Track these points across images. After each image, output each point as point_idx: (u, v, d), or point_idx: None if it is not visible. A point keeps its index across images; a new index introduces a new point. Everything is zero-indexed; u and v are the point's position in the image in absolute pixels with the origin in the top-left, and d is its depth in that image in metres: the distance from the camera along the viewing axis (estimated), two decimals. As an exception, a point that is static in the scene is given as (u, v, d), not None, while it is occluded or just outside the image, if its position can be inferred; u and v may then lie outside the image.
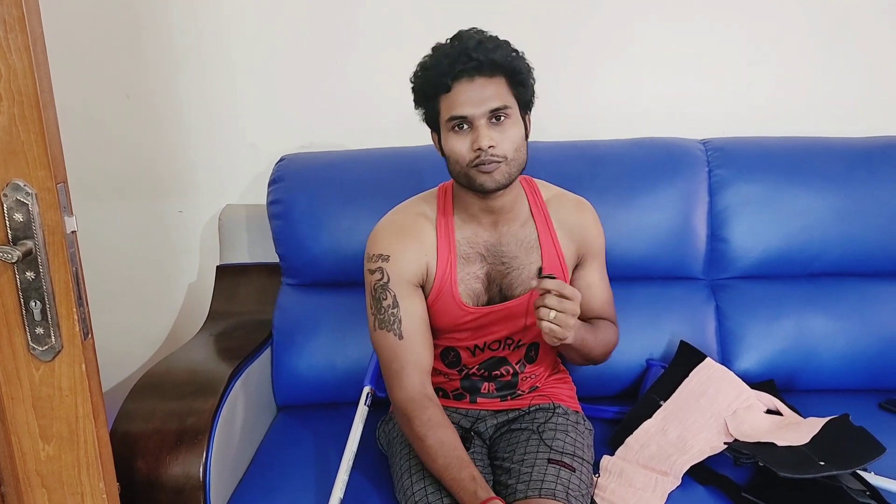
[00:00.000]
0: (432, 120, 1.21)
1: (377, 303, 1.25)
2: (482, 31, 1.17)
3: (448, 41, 1.18)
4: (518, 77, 1.17)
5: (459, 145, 1.16)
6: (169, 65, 1.81)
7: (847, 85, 1.85)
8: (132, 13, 1.77)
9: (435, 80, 1.15)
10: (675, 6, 1.80)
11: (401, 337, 1.23)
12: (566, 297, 1.11)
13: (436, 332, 1.31)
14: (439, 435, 1.17)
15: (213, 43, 1.80)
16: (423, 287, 1.28)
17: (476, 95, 1.14)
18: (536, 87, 1.22)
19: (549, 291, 1.10)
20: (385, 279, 1.24)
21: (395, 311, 1.24)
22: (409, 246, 1.25)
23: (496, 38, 1.17)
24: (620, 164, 1.66)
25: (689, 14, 1.80)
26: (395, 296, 1.24)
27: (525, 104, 1.21)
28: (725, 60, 1.84)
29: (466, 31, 1.17)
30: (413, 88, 1.21)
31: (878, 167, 1.65)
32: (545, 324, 1.11)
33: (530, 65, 1.20)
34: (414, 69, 1.20)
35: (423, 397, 1.21)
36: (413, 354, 1.23)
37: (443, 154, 1.22)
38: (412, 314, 1.24)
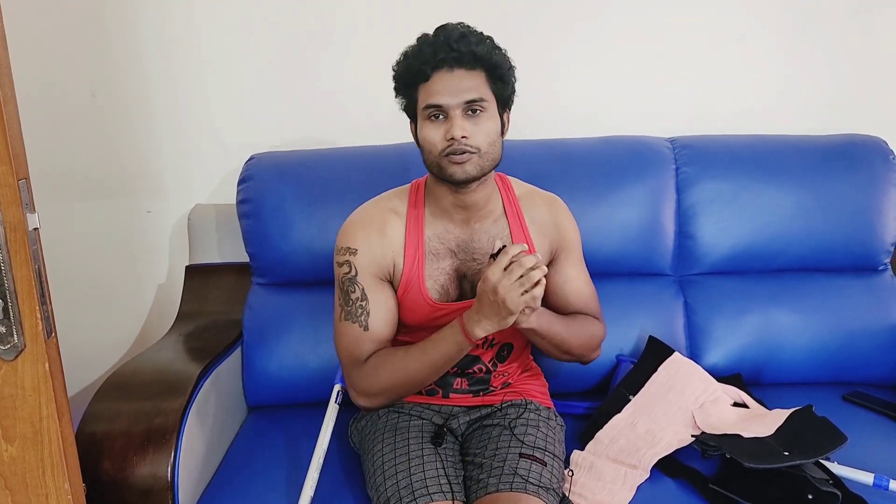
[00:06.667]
0: (411, 109, 1.22)
1: (345, 295, 1.27)
2: (467, 26, 1.18)
3: (433, 32, 1.18)
4: (498, 72, 1.18)
5: (433, 134, 1.17)
6: (136, 62, 1.78)
7: (810, 84, 1.89)
8: (97, 5, 1.74)
9: (415, 68, 1.16)
10: (640, 4, 1.81)
11: (366, 328, 1.25)
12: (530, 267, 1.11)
13: (407, 328, 1.31)
14: (380, 362, 1.25)
15: (181, 40, 1.78)
16: (391, 282, 1.29)
17: (454, 86, 1.15)
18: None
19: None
20: (353, 273, 1.26)
21: (363, 303, 1.25)
22: (376, 240, 1.26)
23: (480, 32, 1.18)
24: (589, 163, 1.68)
25: (655, 13, 1.82)
26: (363, 289, 1.25)
27: (504, 101, 1.22)
28: (692, 60, 1.86)
29: (452, 24, 1.18)
30: (394, 76, 1.22)
31: (840, 164, 1.68)
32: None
33: (512, 62, 1.21)
34: (397, 58, 1.21)
35: None
36: (375, 346, 1.26)
37: (418, 144, 1.22)
38: (379, 307, 1.26)
